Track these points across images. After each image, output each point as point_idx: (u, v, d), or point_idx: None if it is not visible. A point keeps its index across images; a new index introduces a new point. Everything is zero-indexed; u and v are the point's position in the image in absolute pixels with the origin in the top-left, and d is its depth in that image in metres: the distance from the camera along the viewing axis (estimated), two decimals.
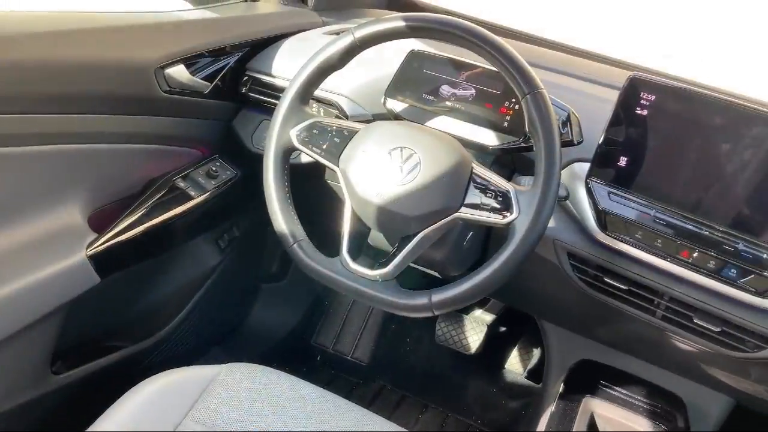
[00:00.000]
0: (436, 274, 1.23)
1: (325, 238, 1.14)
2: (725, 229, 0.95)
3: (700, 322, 1.04)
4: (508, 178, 1.11)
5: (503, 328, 1.89)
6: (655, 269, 1.04)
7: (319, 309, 1.94)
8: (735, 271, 0.95)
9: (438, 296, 0.92)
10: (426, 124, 1.10)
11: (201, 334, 1.57)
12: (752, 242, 0.93)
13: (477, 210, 0.92)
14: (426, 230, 0.94)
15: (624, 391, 1.22)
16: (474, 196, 0.93)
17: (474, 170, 0.94)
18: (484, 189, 0.93)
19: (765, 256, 0.93)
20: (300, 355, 1.88)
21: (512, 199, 0.90)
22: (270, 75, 1.29)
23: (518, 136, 1.05)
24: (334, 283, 0.99)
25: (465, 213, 0.93)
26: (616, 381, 1.24)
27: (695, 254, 0.97)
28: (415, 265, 1.14)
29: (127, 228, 1.16)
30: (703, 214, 0.96)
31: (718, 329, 1.03)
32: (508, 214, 0.90)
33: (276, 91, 1.28)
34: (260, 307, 1.81)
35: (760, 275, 0.94)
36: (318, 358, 1.88)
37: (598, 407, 1.15)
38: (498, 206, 0.91)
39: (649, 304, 1.07)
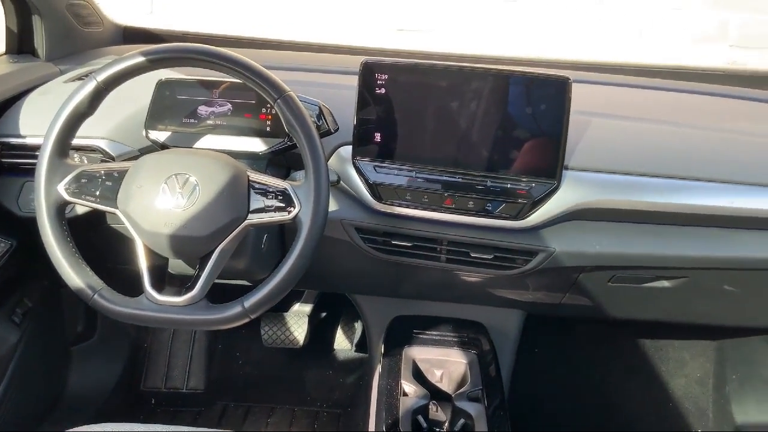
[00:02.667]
0: (246, 283, 1.28)
1: (126, 281, 1.14)
2: (473, 172, 1.11)
3: (476, 255, 1.20)
4: (285, 176, 1.20)
5: (324, 314, 1.98)
6: (430, 221, 1.18)
7: (140, 353, 1.89)
8: (490, 205, 1.13)
9: (250, 301, 0.98)
10: (194, 146, 1.14)
11: (23, 414, 1.47)
12: (496, 177, 1.11)
13: (263, 213, 0.99)
14: (221, 245, 0.99)
15: (435, 333, 1.37)
16: (257, 201, 0.99)
17: (250, 178, 1.01)
18: (265, 192, 0.99)
19: (508, 185, 1.11)
20: (133, 404, 1.83)
21: (291, 194, 0.98)
22: (19, 136, 1.23)
23: (283, 137, 1.13)
24: (146, 320, 1.00)
25: (253, 219, 0.99)
26: (427, 326, 1.38)
27: (456, 200, 1.13)
28: (222, 281, 1.18)
29: None
30: (453, 164, 1.12)
31: (491, 256, 1.20)
32: (292, 209, 0.98)
33: (30, 151, 1.22)
34: (78, 370, 1.72)
35: (509, 202, 1.12)
36: (152, 401, 1.84)
37: (418, 353, 1.28)
38: (281, 204, 0.99)
39: (434, 252, 1.22)
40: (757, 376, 1.78)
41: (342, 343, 1.93)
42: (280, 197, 0.99)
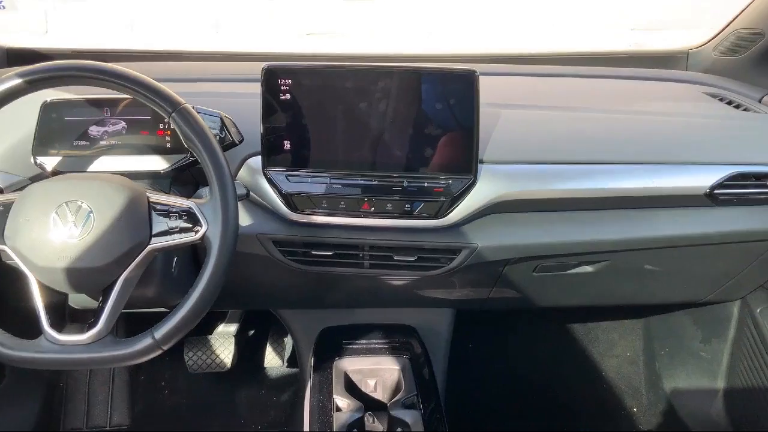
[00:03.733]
0: (162, 309, 1.21)
1: (24, 322, 1.05)
2: (389, 173, 1.08)
3: (400, 258, 1.17)
4: (193, 194, 1.14)
5: (251, 332, 1.91)
6: (349, 228, 1.14)
7: (56, 393, 1.77)
8: (409, 205, 1.09)
9: (161, 331, 0.91)
10: (88, 170, 1.06)
11: None
12: (412, 177, 1.08)
13: (167, 235, 0.92)
14: (124, 274, 0.91)
15: (365, 341, 1.33)
16: (160, 224, 0.93)
17: (151, 199, 0.94)
18: (167, 213, 0.93)
19: (425, 184, 1.08)
20: None
21: (197, 213, 0.92)
22: None
23: (185, 153, 1.07)
24: (48, 363, 0.91)
25: (157, 243, 0.92)
26: (356, 336, 1.35)
27: (374, 203, 1.09)
28: (133, 310, 1.10)
29: None
30: (368, 167, 1.08)
31: (415, 257, 1.17)
32: (199, 228, 0.92)
33: None
34: None
35: (428, 201, 1.09)
36: None
37: (349, 365, 1.24)
38: (187, 225, 0.92)
39: (356, 259, 1.19)
40: (684, 349, 1.82)
41: (272, 361, 1.86)
42: (184, 217, 0.92)
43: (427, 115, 1.07)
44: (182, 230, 0.92)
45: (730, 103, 1.39)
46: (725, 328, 1.69)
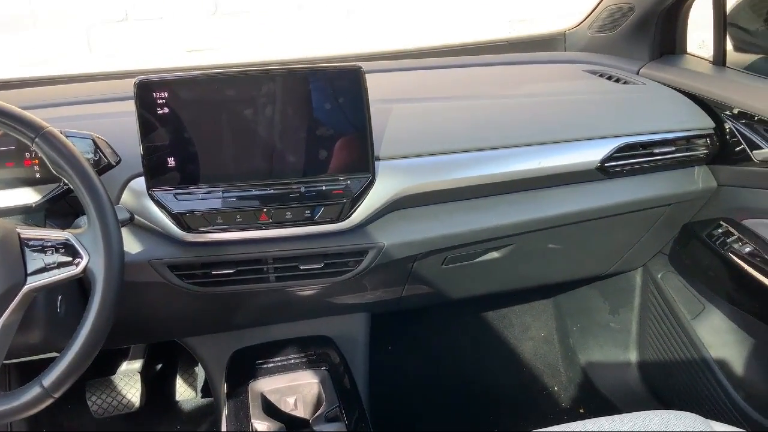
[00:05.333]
0: (53, 355, 1.10)
1: None
2: (285, 180, 1.03)
3: (306, 266, 1.13)
4: (71, 224, 1.04)
5: (158, 366, 1.81)
6: (250, 242, 1.09)
7: None
8: (309, 211, 1.05)
9: (49, 378, 0.82)
10: None
11: None
12: (309, 181, 1.04)
13: (45, 272, 0.83)
14: (0, 321, 0.82)
15: (280, 358, 1.28)
16: (35, 261, 0.84)
17: (22, 235, 0.85)
18: (42, 248, 0.84)
19: (323, 187, 1.04)
20: None
21: (75, 244, 0.84)
22: None
23: (57, 181, 0.98)
24: None
25: (34, 282, 0.83)
26: (270, 354, 1.29)
27: (272, 213, 1.04)
28: (17, 360, 1.00)
29: None
30: (262, 176, 1.03)
31: (322, 264, 1.13)
32: (79, 260, 0.83)
33: None
34: None
35: (328, 205, 1.05)
36: None
37: (265, 385, 1.18)
38: (66, 258, 0.84)
39: (261, 273, 1.13)
40: (594, 323, 1.88)
41: (185, 393, 1.76)
42: (62, 250, 0.84)
43: (316, 116, 1.03)
44: (61, 265, 0.84)
45: (610, 78, 1.43)
46: (630, 297, 1.74)
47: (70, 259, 0.84)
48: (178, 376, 1.77)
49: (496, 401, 1.88)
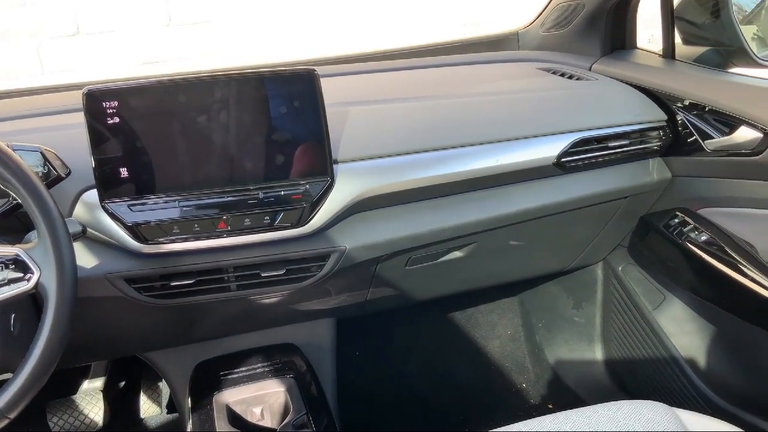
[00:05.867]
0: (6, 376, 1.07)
1: None
2: (242, 187, 1.01)
3: (268, 273, 1.11)
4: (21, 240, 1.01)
5: (121, 383, 1.77)
6: (209, 251, 1.07)
7: None
8: (268, 217, 1.04)
9: (3, 399, 0.79)
10: None
11: None
12: (267, 187, 1.02)
13: None
14: None
15: (245, 368, 1.26)
16: None
17: None
18: None
19: (282, 192, 1.03)
20: None
21: (25, 259, 0.81)
22: None
23: (6, 197, 0.95)
24: None
25: None
26: (234, 364, 1.27)
27: (231, 221, 1.02)
28: None
29: None
30: (218, 183, 1.01)
31: (284, 270, 1.12)
32: (30, 275, 0.81)
33: None
34: None
35: (287, 210, 1.04)
36: None
37: (230, 396, 1.17)
38: (16, 275, 0.81)
39: (221, 283, 1.11)
40: (559, 318, 1.89)
41: (149, 410, 1.72)
42: (12, 266, 0.81)
43: (272, 120, 1.02)
44: (11, 281, 0.81)
45: (563, 74, 1.45)
46: (593, 290, 1.76)
47: (20, 275, 0.81)
48: (141, 393, 1.74)
49: (466, 401, 1.88)
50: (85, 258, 1.03)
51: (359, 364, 1.87)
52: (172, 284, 1.09)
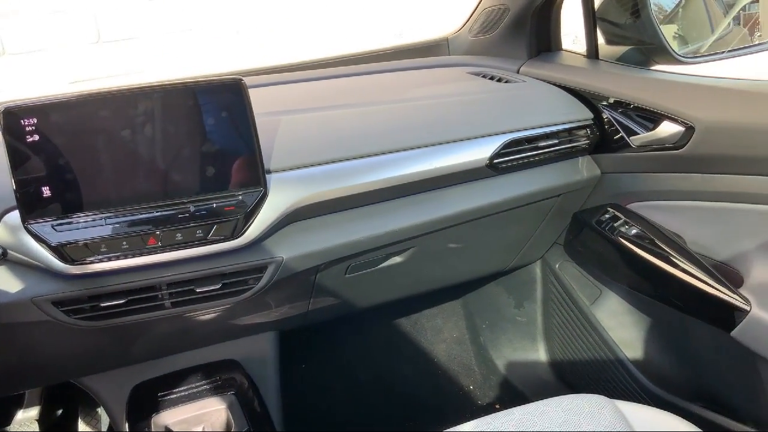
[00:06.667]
0: None
1: None
2: (172, 201, 0.99)
3: (203, 288, 1.09)
4: None
5: (57, 411, 1.70)
6: (140, 269, 1.03)
7: None
8: (200, 231, 1.01)
9: None
10: None
11: None
12: (199, 200, 1.00)
13: None
14: None
15: (184, 388, 1.23)
16: None
17: None
18: None
19: (214, 205, 1.01)
20: None
21: None
22: None
23: None
24: None
25: None
26: (173, 384, 1.24)
27: (161, 236, 0.99)
28: None
29: None
30: (147, 198, 0.98)
31: (219, 285, 1.09)
32: None
33: None
34: None
35: (220, 222, 1.01)
36: None
37: (169, 417, 1.14)
38: None
39: (155, 301, 1.08)
40: (502, 318, 1.92)
41: None
42: None
43: (200, 132, 1.00)
44: None
45: (492, 78, 1.47)
46: (533, 289, 1.79)
47: None
48: (79, 420, 1.67)
49: (414, 407, 1.88)
50: (9, 282, 0.99)
51: (305, 377, 1.85)
52: (103, 305, 1.05)
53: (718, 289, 1.10)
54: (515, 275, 1.81)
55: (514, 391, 1.87)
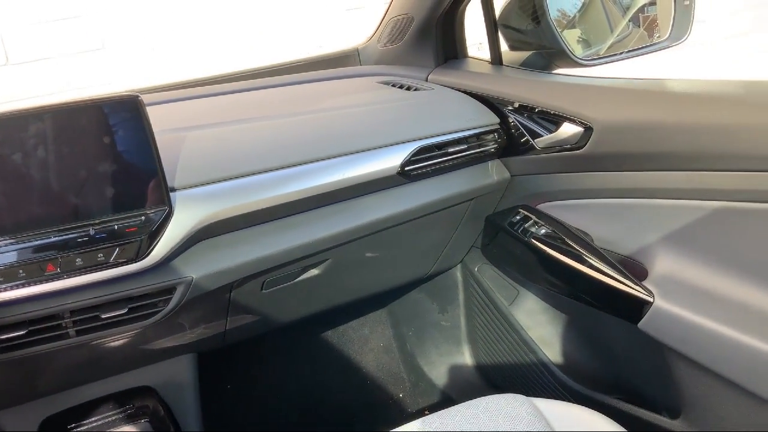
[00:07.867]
0: None
1: None
2: (69, 225, 0.95)
3: (108, 314, 1.04)
4: None
5: None
6: (39, 297, 0.98)
7: None
8: (102, 255, 0.97)
9: None
10: None
11: None
12: (98, 223, 0.96)
13: None
14: None
15: (95, 418, 1.18)
16: None
17: None
18: None
19: (115, 227, 0.97)
20: None
21: None
22: None
23: None
24: None
25: None
26: (84, 416, 1.19)
27: (60, 262, 0.95)
28: None
29: None
30: (42, 224, 0.94)
31: (126, 309, 1.05)
32: None
33: None
34: None
35: (123, 244, 0.98)
36: None
37: None
38: None
39: (58, 330, 1.03)
40: (427, 324, 1.93)
41: None
42: None
43: (98, 151, 0.96)
44: None
45: (401, 86, 1.49)
46: (455, 293, 1.81)
47: None
48: None
49: (345, 419, 1.86)
50: None
51: (230, 398, 1.81)
52: (2, 338, 0.99)
53: (623, 283, 1.14)
54: (437, 281, 1.82)
55: (442, 396, 1.88)
